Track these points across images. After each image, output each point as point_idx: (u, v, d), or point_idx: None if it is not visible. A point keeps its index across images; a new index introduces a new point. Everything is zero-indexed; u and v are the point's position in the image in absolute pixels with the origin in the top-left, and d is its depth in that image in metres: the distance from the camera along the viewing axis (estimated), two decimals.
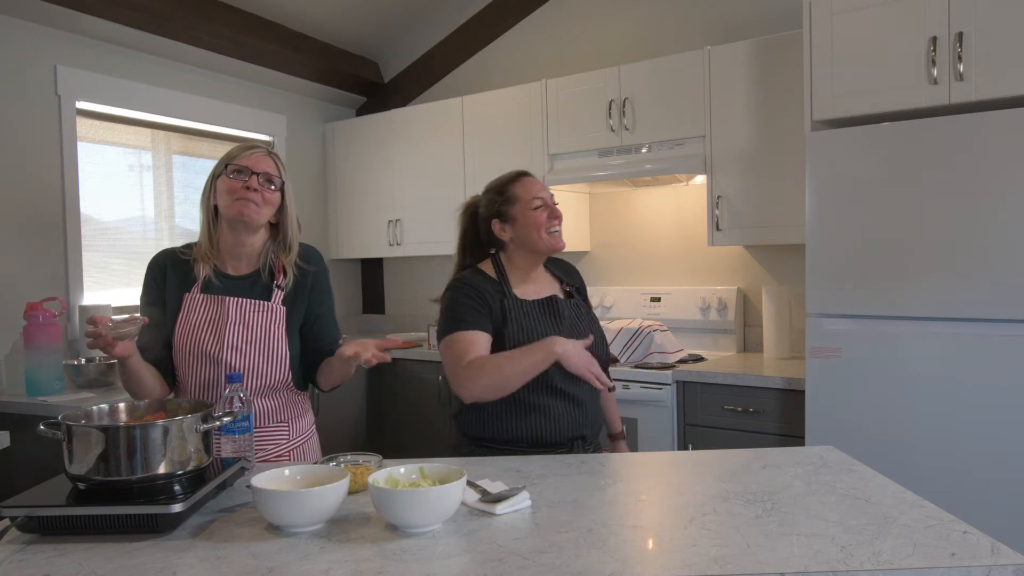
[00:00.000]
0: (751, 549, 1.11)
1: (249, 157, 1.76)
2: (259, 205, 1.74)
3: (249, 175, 1.74)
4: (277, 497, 1.21)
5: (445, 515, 1.23)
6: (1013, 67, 2.21)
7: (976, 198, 2.23)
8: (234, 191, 1.73)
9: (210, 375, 1.75)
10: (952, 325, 2.28)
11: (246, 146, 1.80)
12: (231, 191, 1.74)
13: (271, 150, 1.83)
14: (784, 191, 2.94)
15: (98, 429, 1.26)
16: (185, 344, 1.76)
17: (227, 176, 1.75)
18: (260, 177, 1.75)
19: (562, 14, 3.97)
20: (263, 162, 1.77)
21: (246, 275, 1.82)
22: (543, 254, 1.92)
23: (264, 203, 1.76)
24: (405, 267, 4.65)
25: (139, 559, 1.13)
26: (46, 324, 2.76)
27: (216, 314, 1.77)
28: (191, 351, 1.75)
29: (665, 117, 3.24)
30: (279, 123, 4.22)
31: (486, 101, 3.80)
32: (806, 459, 1.59)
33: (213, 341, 1.74)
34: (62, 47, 3.17)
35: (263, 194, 1.75)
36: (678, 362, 3.05)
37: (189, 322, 1.76)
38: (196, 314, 1.77)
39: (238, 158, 1.76)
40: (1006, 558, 1.05)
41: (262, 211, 1.76)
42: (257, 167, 1.75)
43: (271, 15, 3.78)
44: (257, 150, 1.79)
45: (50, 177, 3.12)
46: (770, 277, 3.35)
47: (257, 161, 1.76)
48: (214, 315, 1.77)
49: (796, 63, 2.82)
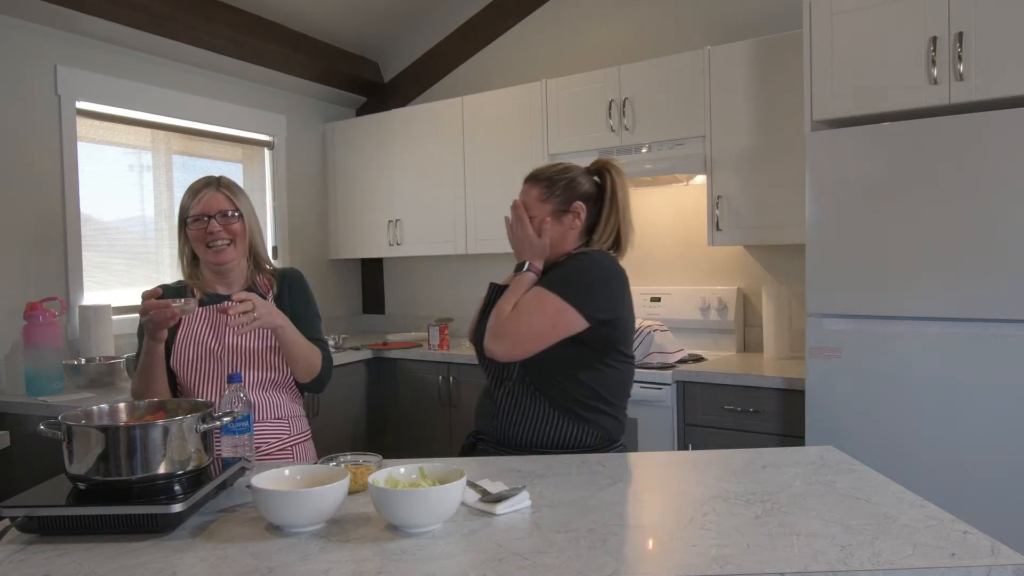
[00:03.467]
0: (751, 549, 1.11)
1: (199, 203, 1.85)
2: (228, 245, 1.85)
3: (207, 220, 1.84)
4: (277, 497, 1.21)
5: (445, 515, 1.23)
6: (1013, 67, 2.21)
7: (976, 198, 2.23)
8: (201, 239, 1.85)
9: (214, 374, 1.83)
10: (952, 325, 2.28)
11: (195, 189, 1.88)
12: (199, 240, 1.85)
13: (220, 179, 1.91)
14: (784, 191, 2.95)
15: (98, 429, 1.26)
16: (188, 350, 1.83)
17: (190, 228, 1.86)
18: (217, 217, 1.84)
19: (562, 14, 3.97)
20: (214, 201, 1.85)
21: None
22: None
23: (233, 238, 1.86)
24: (405, 267, 4.65)
25: (139, 559, 1.13)
26: (46, 324, 2.76)
27: (216, 318, 1.86)
28: (195, 355, 1.83)
29: (665, 117, 3.24)
30: (279, 123, 4.22)
31: (486, 101, 3.80)
32: (806, 459, 1.59)
33: (216, 342, 1.84)
34: (62, 47, 3.17)
35: (227, 229, 1.85)
36: (678, 362, 3.05)
37: (191, 331, 1.85)
38: (198, 322, 1.86)
39: (191, 208, 1.86)
40: (1006, 558, 1.05)
41: (235, 248, 1.87)
42: (211, 209, 1.84)
43: (271, 15, 3.78)
44: (205, 191, 1.86)
45: (50, 177, 3.12)
46: (770, 277, 3.35)
47: (208, 204, 1.85)
48: (214, 320, 1.86)
49: (796, 63, 2.82)
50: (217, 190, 1.87)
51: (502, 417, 1.78)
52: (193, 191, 1.88)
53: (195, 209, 1.85)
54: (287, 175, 4.29)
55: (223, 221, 1.85)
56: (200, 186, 1.89)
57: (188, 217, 1.86)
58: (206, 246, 1.84)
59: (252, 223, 1.92)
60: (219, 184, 1.89)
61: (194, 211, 1.85)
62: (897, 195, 2.36)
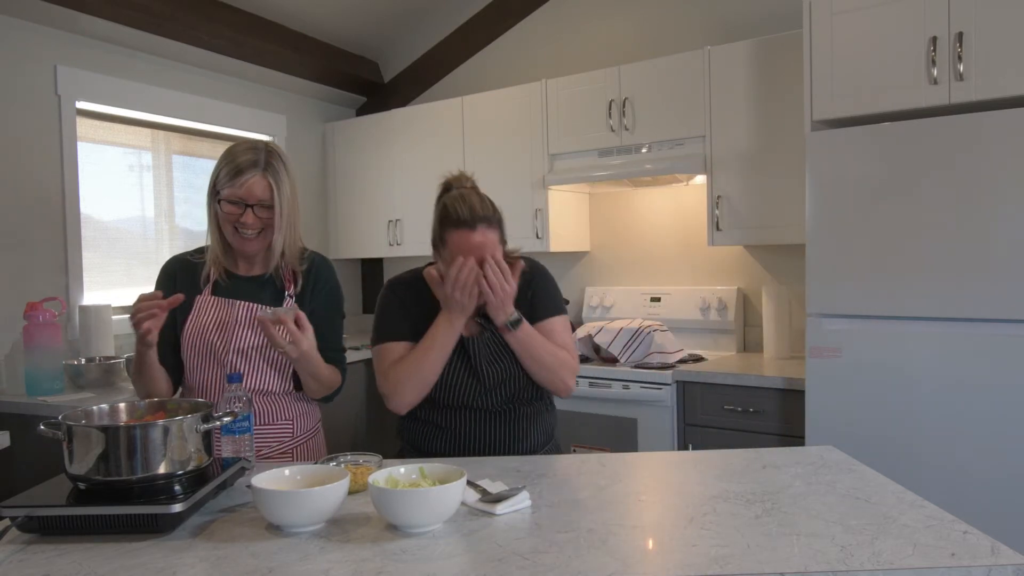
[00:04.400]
0: (751, 549, 1.11)
1: (243, 186, 1.70)
2: (254, 237, 1.75)
3: (243, 208, 1.72)
4: (277, 497, 1.21)
5: (445, 515, 1.23)
6: (1013, 67, 2.21)
7: (976, 198, 2.23)
8: (231, 222, 1.73)
9: (216, 375, 1.77)
10: (952, 325, 2.28)
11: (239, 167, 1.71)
12: (228, 221, 1.74)
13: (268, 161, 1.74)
14: (784, 191, 2.95)
15: (98, 429, 1.26)
16: (194, 344, 1.77)
17: (222, 205, 1.73)
18: (255, 208, 1.72)
19: (562, 14, 3.97)
20: (256, 188, 1.71)
21: (257, 276, 1.83)
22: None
23: (263, 228, 1.75)
24: (405, 267, 4.63)
25: (139, 559, 1.13)
26: (46, 324, 2.76)
27: (226, 316, 1.78)
28: (199, 351, 1.77)
29: (665, 117, 3.24)
30: (279, 123, 4.22)
31: (486, 101, 3.80)
32: (806, 459, 1.59)
33: (220, 342, 1.76)
34: (62, 47, 3.17)
35: (260, 219, 1.73)
36: (678, 362, 3.05)
37: (199, 322, 1.78)
38: (206, 315, 1.78)
39: (232, 186, 1.71)
40: (1006, 558, 1.05)
41: (262, 239, 1.76)
42: (251, 198, 1.71)
43: (271, 15, 3.78)
44: (246, 174, 1.70)
45: (50, 177, 3.12)
46: (770, 277, 3.35)
47: (250, 190, 1.71)
48: (224, 317, 1.78)
49: (796, 63, 2.82)
50: (262, 175, 1.71)
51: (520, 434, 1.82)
52: (235, 168, 1.71)
53: (232, 192, 1.70)
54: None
55: (259, 212, 1.72)
56: (245, 164, 1.71)
57: (222, 196, 1.72)
58: (234, 229, 1.73)
59: (291, 210, 1.77)
60: (265, 166, 1.72)
61: (230, 193, 1.71)
62: (897, 195, 2.36)
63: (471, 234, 1.68)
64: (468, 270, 1.65)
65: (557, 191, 3.64)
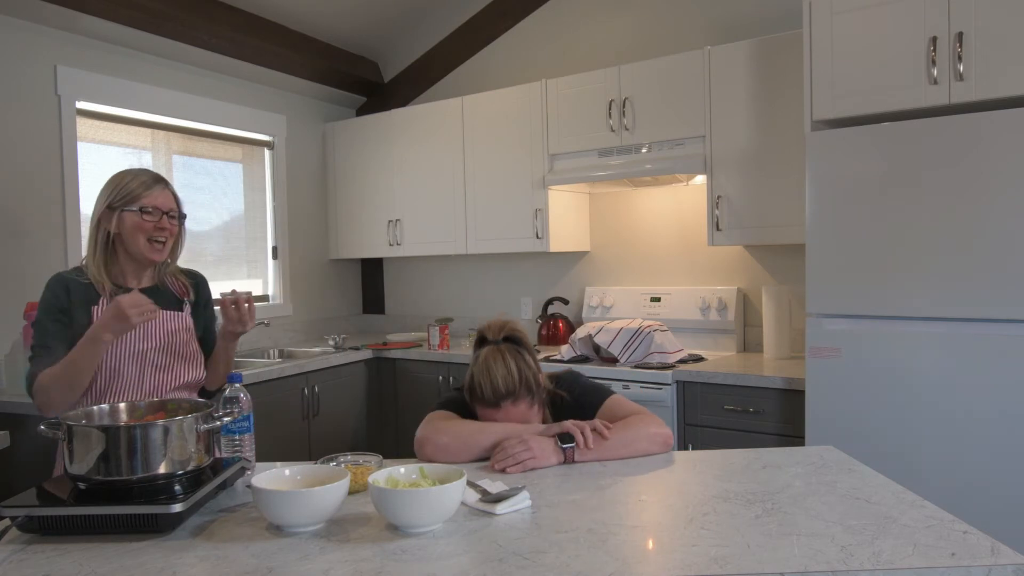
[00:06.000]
0: (751, 549, 1.11)
1: (156, 196, 1.84)
2: (164, 245, 1.86)
3: (160, 216, 1.84)
4: (277, 497, 1.21)
5: (445, 515, 1.23)
6: (1013, 67, 2.21)
7: (976, 198, 2.23)
8: (144, 231, 1.83)
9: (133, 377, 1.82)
10: (952, 325, 2.28)
11: (148, 182, 1.86)
12: (141, 230, 1.83)
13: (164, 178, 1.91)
14: (784, 191, 2.95)
15: (98, 429, 1.26)
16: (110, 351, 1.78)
17: (137, 215, 1.82)
18: (168, 215, 1.85)
19: (562, 14, 3.97)
20: (167, 198, 1.87)
21: (149, 288, 1.91)
22: None
23: (169, 238, 1.88)
24: (405, 267, 4.65)
25: (139, 559, 1.13)
26: None
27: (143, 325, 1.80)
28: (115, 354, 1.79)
29: (665, 117, 3.24)
30: (279, 123, 4.22)
31: (486, 101, 3.80)
32: (806, 459, 1.59)
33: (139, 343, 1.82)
34: (62, 47, 3.17)
35: (170, 231, 1.87)
36: (678, 362, 3.05)
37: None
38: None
39: (146, 197, 1.83)
40: (1006, 558, 1.05)
41: (167, 247, 1.88)
42: (165, 206, 1.85)
43: (271, 15, 3.78)
44: (158, 185, 1.86)
45: (50, 177, 3.12)
46: (770, 277, 3.35)
47: (165, 200, 1.86)
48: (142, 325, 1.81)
49: (796, 63, 2.82)
50: (166, 188, 1.88)
51: None
52: (142, 183, 1.85)
53: (150, 200, 1.83)
54: (287, 175, 4.29)
55: (171, 222, 1.87)
56: (151, 180, 1.87)
57: (135, 206, 1.81)
58: (147, 239, 1.83)
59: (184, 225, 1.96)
60: (167, 183, 1.90)
61: (148, 202, 1.82)
62: (897, 195, 2.36)
63: (495, 412, 1.71)
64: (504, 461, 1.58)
65: (557, 191, 3.64)
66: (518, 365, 1.73)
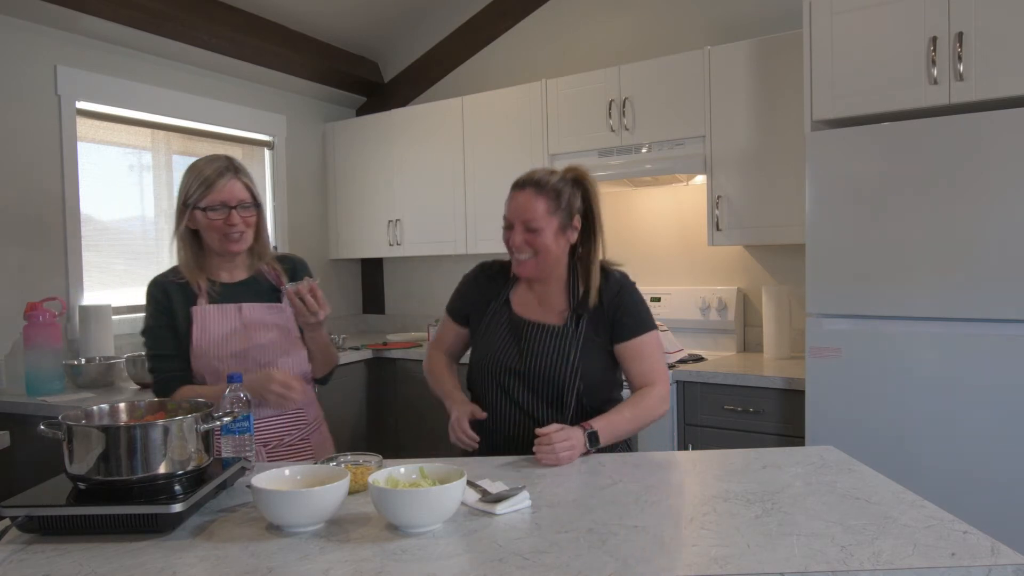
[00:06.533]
0: (751, 549, 1.11)
1: (221, 191, 1.76)
2: (242, 236, 1.80)
3: (227, 211, 1.77)
4: (277, 497, 1.21)
5: (445, 515, 1.23)
6: (1013, 67, 2.21)
7: (976, 198, 2.23)
8: (216, 228, 1.78)
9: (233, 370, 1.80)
10: (952, 325, 2.28)
11: (209, 177, 1.77)
12: (213, 228, 1.78)
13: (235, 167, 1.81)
14: (784, 191, 2.94)
15: (98, 429, 1.26)
16: (210, 351, 1.80)
17: (205, 214, 1.77)
18: (239, 209, 1.78)
19: (562, 14, 3.97)
20: (235, 190, 1.78)
21: (243, 280, 1.88)
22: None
23: (247, 229, 1.81)
24: (405, 267, 4.65)
25: (139, 559, 1.13)
26: (46, 324, 2.76)
27: (235, 319, 1.82)
28: (217, 356, 1.80)
29: (665, 117, 3.24)
30: (279, 123, 4.22)
31: (486, 101, 3.80)
32: (806, 459, 1.59)
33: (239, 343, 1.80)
34: (62, 47, 3.17)
35: (245, 221, 1.80)
36: (678, 362, 3.05)
37: (208, 331, 1.81)
38: (213, 322, 1.82)
39: (211, 193, 1.76)
40: (1006, 558, 1.05)
41: (245, 238, 1.82)
42: (232, 200, 1.77)
43: (271, 15, 3.78)
44: (221, 179, 1.77)
45: (50, 177, 3.12)
46: (770, 277, 3.35)
47: (230, 193, 1.77)
48: (233, 320, 1.82)
49: (796, 63, 2.82)
50: (235, 178, 1.78)
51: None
52: (207, 179, 1.76)
53: (213, 198, 1.75)
54: (287, 175, 4.29)
55: (243, 213, 1.79)
56: (215, 174, 1.77)
57: (202, 205, 1.76)
58: (221, 235, 1.78)
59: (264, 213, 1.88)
60: (236, 171, 1.80)
61: (211, 200, 1.76)
62: (897, 195, 2.36)
63: (517, 194, 1.77)
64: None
65: None
66: (559, 181, 1.77)
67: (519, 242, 1.76)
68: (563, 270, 1.84)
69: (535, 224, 1.74)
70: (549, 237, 1.76)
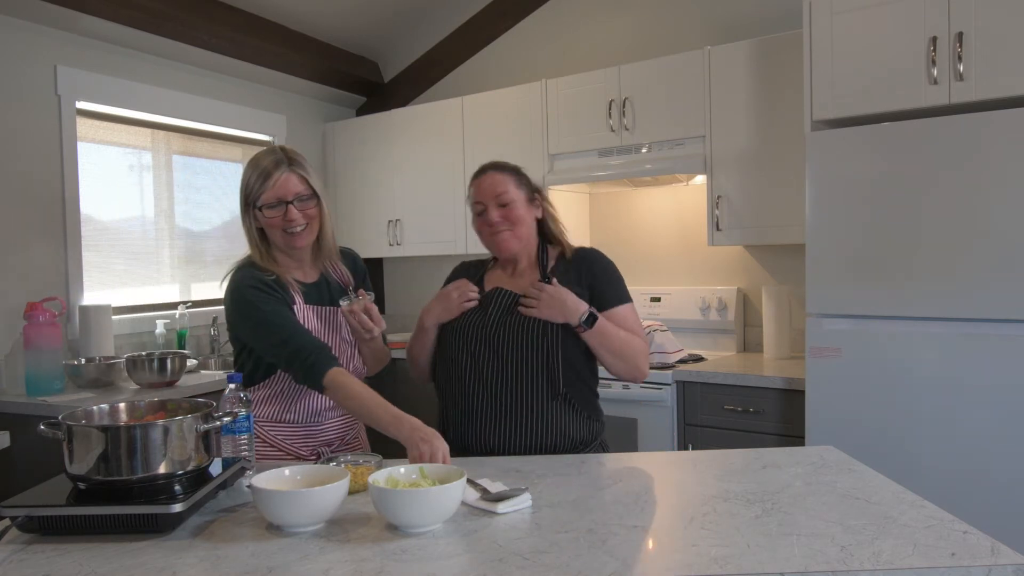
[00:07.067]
0: (751, 549, 1.11)
1: (275, 187, 1.71)
2: (304, 229, 1.76)
3: (284, 207, 1.72)
4: (277, 497, 1.21)
5: (445, 515, 1.23)
6: (1013, 67, 2.21)
7: (976, 198, 2.23)
8: (277, 226, 1.74)
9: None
10: (952, 325, 2.28)
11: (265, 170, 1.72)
12: (274, 225, 1.75)
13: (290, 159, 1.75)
14: (784, 191, 2.94)
15: (98, 429, 1.26)
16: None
17: (263, 213, 1.73)
18: (295, 203, 1.73)
19: (562, 14, 3.97)
20: (290, 184, 1.72)
21: (315, 282, 1.87)
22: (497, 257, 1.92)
23: (309, 221, 1.77)
24: (405, 267, 4.65)
25: (139, 559, 1.13)
26: (46, 324, 2.76)
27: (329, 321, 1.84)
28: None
29: (665, 117, 3.24)
30: (279, 123, 4.22)
31: (486, 101, 3.80)
32: (806, 459, 1.59)
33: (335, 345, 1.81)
34: (62, 47, 3.17)
35: (304, 214, 1.75)
36: (678, 362, 3.05)
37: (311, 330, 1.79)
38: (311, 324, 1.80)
39: (263, 192, 1.71)
40: (1006, 558, 1.05)
41: (310, 231, 1.78)
42: (287, 195, 1.72)
43: (271, 15, 3.78)
44: (274, 176, 1.71)
45: (50, 177, 3.12)
46: (770, 277, 3.35)
47: (284, 188, 1.72)
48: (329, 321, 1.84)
49: (796, 63, 2.82)
50: (290, 170, 1.73)
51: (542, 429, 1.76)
52: (263, 172, 1.71)
53: (268, 195, 1.71)
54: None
55: (301, 206, 1.73)
56: (270, 166, 1.72)
57: (258, 203, 1.72)
58: (282, 231, 1.74)
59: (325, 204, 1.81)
60: (290, 163, 1.74)
61: (267, 198, 1.71)
62: (897, 195, 2.36)
63: (483, 178, 1.84)
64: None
65: (557, 191, 3.64)
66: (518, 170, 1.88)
67: (497, 218, 1.80)
68: (533, 248, 1.89)
69: (507, 197, 1.80)
70: (522, 208, 1.83)
